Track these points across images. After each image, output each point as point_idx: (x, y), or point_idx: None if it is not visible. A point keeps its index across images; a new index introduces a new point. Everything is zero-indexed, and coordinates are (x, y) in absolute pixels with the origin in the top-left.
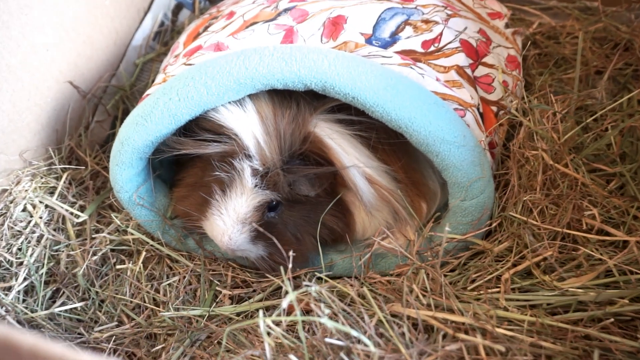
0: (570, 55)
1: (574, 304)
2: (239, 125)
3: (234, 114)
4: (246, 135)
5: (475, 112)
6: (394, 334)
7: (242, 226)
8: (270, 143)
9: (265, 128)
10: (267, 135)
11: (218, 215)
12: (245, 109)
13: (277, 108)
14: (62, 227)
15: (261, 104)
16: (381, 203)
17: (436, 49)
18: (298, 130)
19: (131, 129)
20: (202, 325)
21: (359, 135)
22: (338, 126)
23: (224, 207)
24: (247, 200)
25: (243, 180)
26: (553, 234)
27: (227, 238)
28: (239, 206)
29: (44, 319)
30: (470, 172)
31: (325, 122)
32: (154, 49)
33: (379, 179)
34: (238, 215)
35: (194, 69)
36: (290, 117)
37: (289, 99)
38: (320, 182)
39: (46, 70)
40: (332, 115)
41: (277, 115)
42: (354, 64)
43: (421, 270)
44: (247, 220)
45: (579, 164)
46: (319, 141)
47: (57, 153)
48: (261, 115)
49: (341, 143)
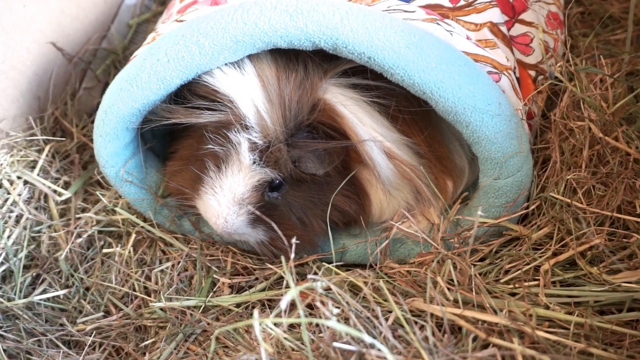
0: (619, 14)
1: (628, 302)
2: (236, 91)
3: (231, 78)
4: (244, 103)
5: (511, 76)
6: (415, 337)
7: (239, 208)
8: (273, 112)
9: (267, 94)
10: (269, 103)
11: (212, 195)
12: (243, 72)
13: (282, 71)
14: (43, 206)
15: (262, 66)
16: (401, 181)
17: (466, 3)
18: (306, 96)
19: (115, 96)
20: (196, 318)
21: (377, 102)
22: (352, 92)
23: (218, 185)
24: (244, 178)
25: (240, 156)
26: (601, 219)
27: (223, 221)
28: (235, 185)
29: (22, 308)
30: (505, 145)
31: (337, 87)
32: (150, 9)
33: (400, 153)
34: (234, 195)
35: (185, 26)
36: (296, 81)
37: (295, 60)
38: (330, 158)
39: (24, 29)
40: (346, 80)
41: (281, 80)
42: (370, 19)
43: (447, 260)
44: (245, 201)
45: (632, 137)
46: (330, 109)
47: (39, 123)
48: (262, 80)
49: (356, 111)
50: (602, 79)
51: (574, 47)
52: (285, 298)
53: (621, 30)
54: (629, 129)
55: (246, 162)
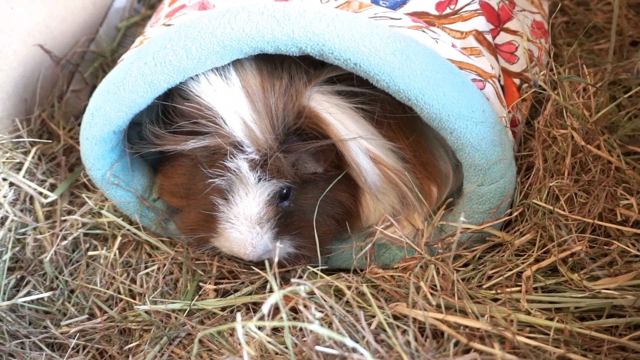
0: (602, 24)
1: (607, 308)
2: (222, 104)
3: (216, 91)
4: (230, 117)
5: (496, 84)
6: (397, 341)
7: (260, 228)
8: (260, 122)
9: (253, 105)
10: (256, 113)
11: (230, 227)
12: (228, 83)
13: (266, 80)
14: (29, 208)
15: (247, 76)
16: (387, 185)
17: (452, 11)
18: (291, 103)
19: (102, 98)
20: (181, 322)
21: (361, 108)
22: (336, 98)
23: (232, 216)
24: (254, 198)
25: (243, 179)
26: (582, 226)
27: (250, 248)
28: (248, 209)
29: (5, 310)
30: (489, 152)
31: (321, 95)
32: (139, 12)
33: (385, 158)
34: (251, 218)
35: (172, 30)
36: (281, 89)
37: (279, 68)
38: (325, 155)
39: (11, 31)
40: (330, 87)
41: (265, 89)
42: (356, 25)
43: (430, 265)
44: (263, 219)
45: (613, 146)
46: (315, 116)
47: (26, 125)
48: (247, 91)
49: (340, 117)
50: (585, 88)
51: (558, 56)
52: (268, 301)
53: (605, 40)
54: (610, 137)
55: (251, 182)
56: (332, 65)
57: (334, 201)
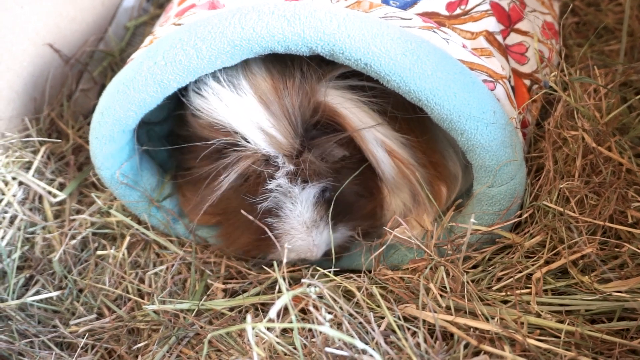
0: (613, 25)
1: (618, 311)
2: (237, 119)
3: (228, 106)
4: (249, 131)
5: (506, 85)
6: (407, 343)
7: (317, 229)
8: (279, 125)
9: (269, 110)
10: (273, 117)
11: (291, 239)
12: (239, 92)
13: (277, 80)
14: (38, 207)
15: (257, 80)
16: (401, 180)
17: (463, 11)
18: (306, 101)
19: (112, 98)
20: (189, 322)
21: (374, 102)
22: (350, 93)
23: (289, 228)
24: (303, 206)
25: (287, 193)
26: (593, 228)
27: (316, 249)
28: (301, 217)
29: (15, 309)
30: (500, 154)
31: (335, 90)
32: (148, 11)
33: (399, 150)
34: (307, 225)
35: (182, 30)
36: (294, 88)
37: (290, 66)
38: (347, 140)
39: (20, 30)
40: (343, 82)
41: (278, 90)
42: (367, 25)
43: (440, 266)
44: (317, 220)
45: (625, 148)
46: (331, 111)
47: (35, 124)
48: (260, 96)
49: (355, 111)
50: (596, 89)
51: (568, 57)
52: (277, 303)
53: (615, 41)
54: (621, 139)
55: (295, 192)
56: (342, 64)
57: (365, 187)
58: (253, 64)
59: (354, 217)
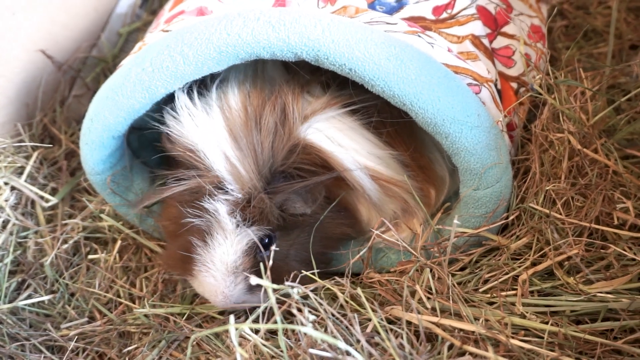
0: (601, 28)
1: (602, 312)
2: (202, 140)
3: (198, 126)
4: (211, 152)
5: (492, 88)
6: (390, 345)
7: (234, 277)
8: (245, 161)
9: (236, 143)
10: (239, 151)
11: (206, 272)
12: (211, 116)
13: (251, 118)
14: (30, 212)
15: (231, 112)
16: (389, 198)
17: (449, 15)
18: (282, 143)
19: (101, 104)
20: (179, 325)
21: (361, 121)
22: (335, 120)
23: (209, 260)
24: (232, 245)
25: (221, 223)
26: (579, 230)
27: (222, 297)
28: (224, 255)
29: (6, 313)
30: (484, 157)
31: (319, 123)
32: (141, 18)
33: (385, 172)
34: (227, 266)
35: (170, 36)
36: (268, 127)
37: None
38: (313, 195)
39: (12, 36)
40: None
41: (249, 127)
42: (351, 31)
43: (426, 268)
44: (239, 268)
45: (611, 150)
46: (311, 147)
47: (28, 129)
48: (230, 129)
49: (339, 139)
50: (583, 92)
51: (556, 60)
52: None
53: (604, 43)
54: (607, 141)
55: (229, 227)
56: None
57: (328, 236)
58: (230, 92)
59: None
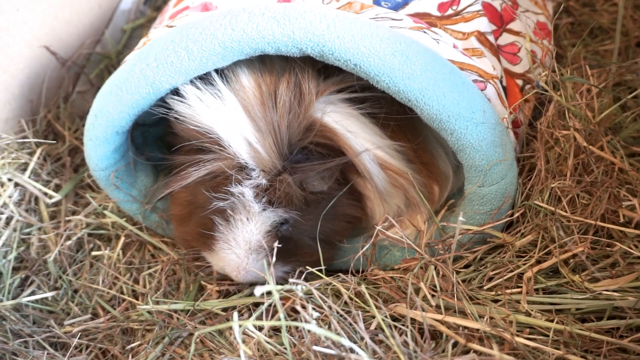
0: (608, 25)
1: (608, 310)
2: (222, 125)
3: (214, 111)
4: (233, 138)
5: (497, 85)
6: (394, 342)
7: (256, 255)
8: (264, 142)
9: (255, 125)
10: (260, 133)
11: (228, 249)
12: (225, 102)
13: (266, 96)
14: (34, 208)
15: (245, 92)
16: (394, 189)
17: (454, 12)
18: (297, 121)
19: (105, 100)
20: (183, 322)
21: (369, 113)
22: (346, 107)
23: (232, 238)
24: (256, 226)
25: (247, 206)
26: (585, 227)
27: (243, 272)
28: (248, 235)
29: (10, 309)
30: (490, 153)
31: (331, 105)
32: (145, 14)
33: (392, 162)
34: (250, 245)
35: (174, 31)
36: (285, 105)
37: (283, 75)
38: (330, 172)
39: (16, 32)
40: (339, 95)
41: (266, 106)
42: (357, 26)
43: (430, 265)
44: (262, 247)
45: (617, 147)
46: (325, 129)
47: (32, 125)
48: (247, 109)
49: (349, 126)
50: (589, 89)
51: (562, 57)
52: (266, 302)
53: (610, 41)
54: (613, 138)
55: (255, 210)
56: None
57: (338, 216)
58: (241, 73)
59: (300, 261)
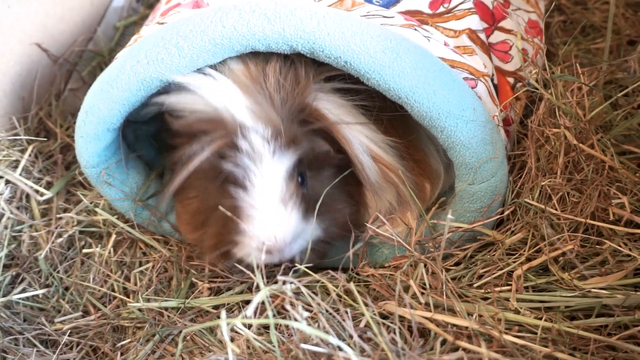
0: (599, 23)
1: (597, 308)
2: (217, 99)
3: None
4: (234, 107)
5: (488, 83)
6: (382, 340)
7: (285, 205)
8: (264, 105)
9: (252, 97)
10: (257, 103)
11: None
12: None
13: (254, 74)
14: (25, 206)
15: (237, 74)
16: (386, 184)
17: (446, 10)
18: (292, 100)
19: (96, 97)
20: (173, 320)
21: (360, 105)
22: (337, 97)
23: (252, 201)
24: (274, 171)
25: (257, 157)
26: (575, 225)
27: (281, 234)
28: (268, 185)
29: (0, 307)
30: (480, 151)
31: (322, 94)
32: (137, 11)
33: (384, 156)
34: (274, 195)
35: (165, 28)
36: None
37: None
38: (332, 139)
39: (7, 29)
40: (330, 84)
41: (259, 84)
42: (347, 24)
43: (420, 263)
44: (287, 195)
45: (607, 145)
46: (319, 115)
47: (23, 123)
48: (241, 86)
49: (343, 115)
50: (580, 87)
51: (554, 55)
52: (255, 299)
53: (602, 39)
54: (604, 136)
55: (267, 154)
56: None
57: (344, 191)
58: (227, 60)
59: (328, 217)
